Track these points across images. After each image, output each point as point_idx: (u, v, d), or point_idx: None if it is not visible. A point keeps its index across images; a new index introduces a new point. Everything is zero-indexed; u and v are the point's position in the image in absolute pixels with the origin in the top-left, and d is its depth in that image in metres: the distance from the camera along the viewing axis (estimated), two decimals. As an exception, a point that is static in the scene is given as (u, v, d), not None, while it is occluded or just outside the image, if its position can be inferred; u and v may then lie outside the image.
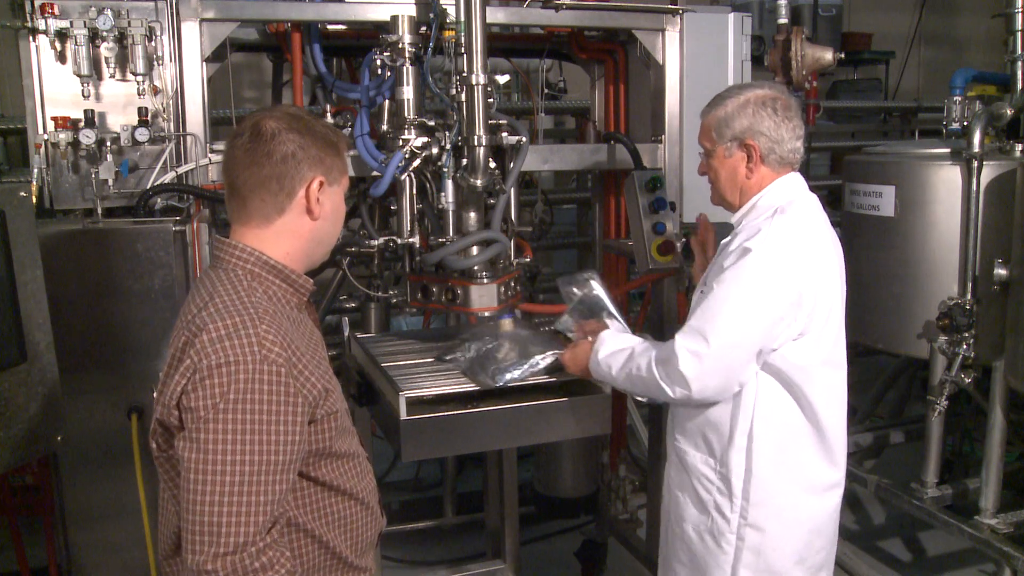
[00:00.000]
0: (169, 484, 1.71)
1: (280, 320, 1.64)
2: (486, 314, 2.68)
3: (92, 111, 2.76)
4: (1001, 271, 3.28)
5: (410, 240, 2.74)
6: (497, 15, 3.04)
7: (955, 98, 3.78)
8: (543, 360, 2.46)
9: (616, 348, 2.33)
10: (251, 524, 1.53)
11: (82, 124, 2.74)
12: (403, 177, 2.70)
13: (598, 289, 2.55)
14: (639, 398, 2.53)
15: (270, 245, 1.72)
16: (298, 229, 1.73)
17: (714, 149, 2.31)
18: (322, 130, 1.74)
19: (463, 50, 2.59)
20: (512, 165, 2.70)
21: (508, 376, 2.39)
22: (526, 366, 2.43)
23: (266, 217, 1.71)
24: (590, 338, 2.42)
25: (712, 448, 2.30)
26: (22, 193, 2.50)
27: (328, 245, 1.83)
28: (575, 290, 2.57)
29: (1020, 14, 3.62)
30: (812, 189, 2.37)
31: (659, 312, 3.42)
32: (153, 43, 2.78)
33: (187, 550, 1.53)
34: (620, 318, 2.51)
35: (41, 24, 2.68)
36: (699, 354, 2.13)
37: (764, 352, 2.18)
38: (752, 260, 2.15)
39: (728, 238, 2.33)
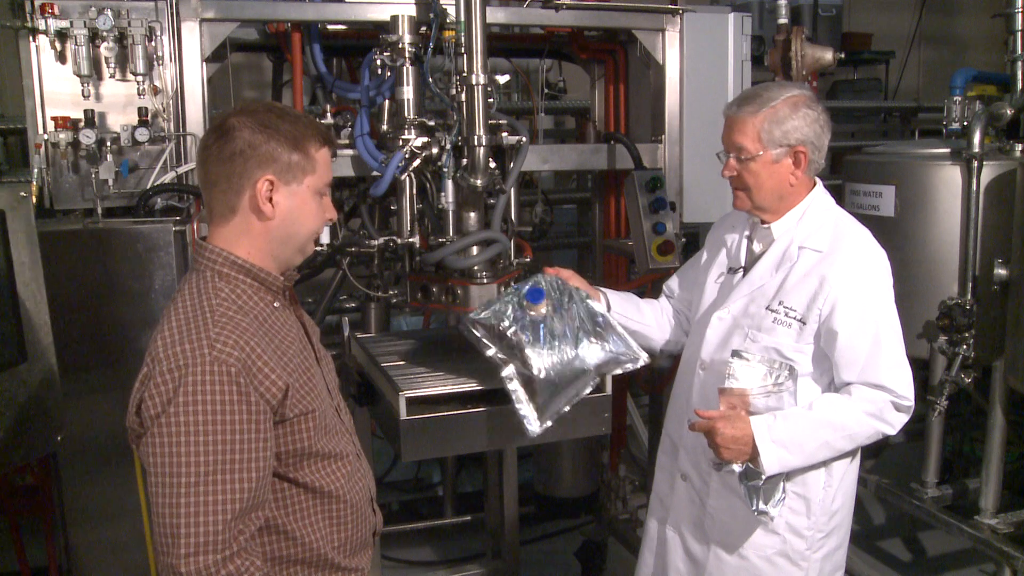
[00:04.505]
0: None
1: (239, 320, 1.63)
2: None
3: (92, 111, 2.77)
4: (1001, 271, 3.28)
5: (410, 240, 2.74)
6: (497, 15, 3.05)
7: (955, 98, 3.78)
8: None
9: (793, 422, 2.14)
10: (211, 524, 1.53)
11: (82, 124, 2.75)
12: (403, 177, 2.70)
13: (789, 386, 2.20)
14: None
15: (233, 243, 1.71)
16: (251, 229, 1.70)
17: (760, 153, 2.16)
18: (288, 128, 1.68)
19: (463, 50, 2.59)
20: (512, 165, 2.70)
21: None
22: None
23: (223, 215, 1.71)
24: (742, 413, 2.15)
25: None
26: (22, 193, 2.49)
27: (295, 246, 1.76)
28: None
29: (1020, 14, 3.62)
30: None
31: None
32: (153, 43, 2.78)
33: (157, 552, 1.55)
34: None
35: (41, 24, 2.68)
36: (903, 407, 2.18)
37: None
38: (875, 293, 2.19)
39: (775, 248, 2.27)
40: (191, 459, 1.53)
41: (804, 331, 2.18)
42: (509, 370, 2.16)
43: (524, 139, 2.69)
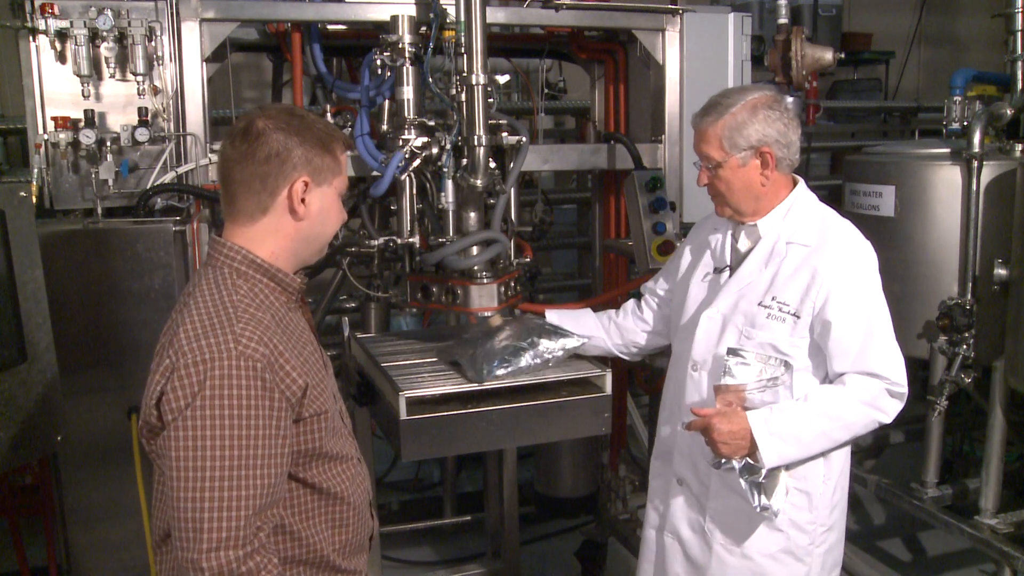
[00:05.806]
0: (161, 476, 1.72)
1: (261, 317, 1.64)
2: (487, 314, 2.67)
3: (92, 111, 2.77)
4: (1001, 271, 3.28)
5: (410, 240, 2.74)
6: (497, 15, 3.05)
7: (955, 98, 3.78)
8: (543, 355, 2.40)
9: (790, 414, 2.15)
10: (233, 519, 1.53)
11: (82, 124, 2.75)
12: (403, 177, 2.70)
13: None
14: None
15: (257, 243, 1.72)
16: (282, 228, 1.73)
17: (726, 160, 2.20)
18: (317, 130, 1.72)
19: (463, 50, 2.59)
20: (512, 165, 2.70)
21: (498, 372, 2.34)
22: (523, 361, 2.37)
23: (251, 215, 1.72)
24: (738, 408, 2.15)
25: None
26: (22, 193, 2.50)
27: (318, 245, 1.81)
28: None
29: (1020, 14, 3.62)
30: (812, 189, 2.37)
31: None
32: (153, 43, 2.78)
33: (176, 546, 1.55)
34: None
35: (41, 24, 2.68)
36: (897, 393, 2.20)
37: None
38: (866, 283, 2.19)
39: (762, 245, 2.27)
40: (216, 453, 1.53)
41: (799, 325, 2.19)
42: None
43: (524, 139, 2.69)
